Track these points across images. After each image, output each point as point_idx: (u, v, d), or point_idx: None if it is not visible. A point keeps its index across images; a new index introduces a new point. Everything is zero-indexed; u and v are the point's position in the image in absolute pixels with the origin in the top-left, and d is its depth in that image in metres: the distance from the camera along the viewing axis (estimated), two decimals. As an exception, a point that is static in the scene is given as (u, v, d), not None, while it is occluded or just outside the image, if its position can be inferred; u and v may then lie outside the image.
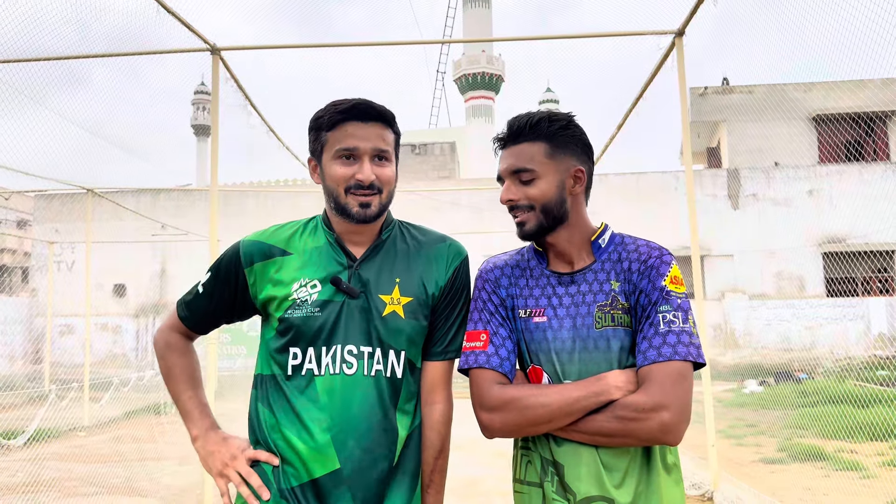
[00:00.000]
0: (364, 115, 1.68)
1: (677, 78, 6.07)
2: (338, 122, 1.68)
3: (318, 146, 1.73)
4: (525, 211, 1.65)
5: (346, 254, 1.73)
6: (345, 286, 1.68)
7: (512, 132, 1.68)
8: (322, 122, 1.71)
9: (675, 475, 1.62)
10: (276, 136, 8.00)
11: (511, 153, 1.67)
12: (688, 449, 7.48)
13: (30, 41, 6.19)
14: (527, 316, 1.68)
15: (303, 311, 1.66)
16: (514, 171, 1.66)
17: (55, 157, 10.91)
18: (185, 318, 1.85)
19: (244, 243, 1.77)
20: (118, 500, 6.38)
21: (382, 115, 1.70)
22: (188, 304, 1.84)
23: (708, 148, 25.33)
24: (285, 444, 1.64)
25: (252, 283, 1.74)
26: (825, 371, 14.48)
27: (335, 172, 1.69)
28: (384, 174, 1.70)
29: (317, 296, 1.67)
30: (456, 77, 46.58)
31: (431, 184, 22.50)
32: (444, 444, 1.78)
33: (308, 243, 1.76)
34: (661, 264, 1.62)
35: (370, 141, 1.67)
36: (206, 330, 1.87)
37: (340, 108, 1.69)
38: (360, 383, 1.65)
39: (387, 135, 1.71)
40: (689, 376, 1.53)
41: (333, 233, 1.76)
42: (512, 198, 1.66)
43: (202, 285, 1.82)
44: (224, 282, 1.78)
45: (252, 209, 21.58)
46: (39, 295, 21.38)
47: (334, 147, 1.68)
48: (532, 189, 1.65)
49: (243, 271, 1.74)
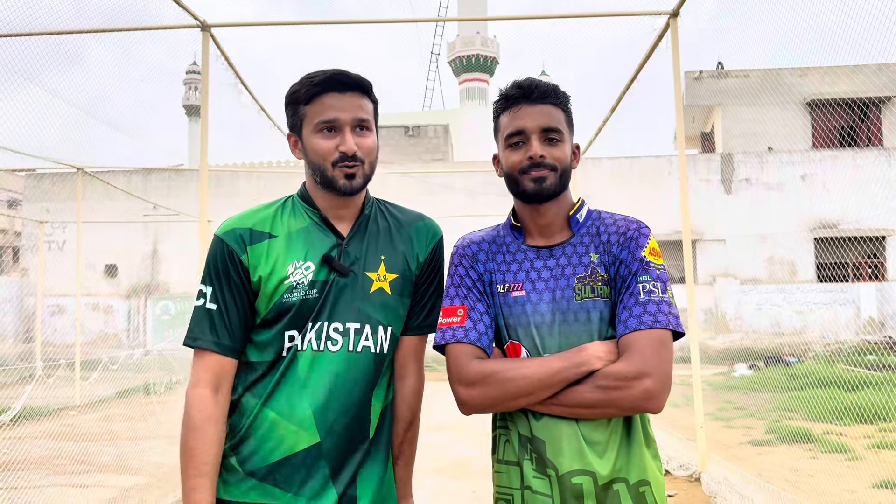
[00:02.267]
0: (341, 86, 1.65)
1: (671, 60, 6.03)
2: (315, 95, 1.65)
3: (297, 121, 1.70)
4: (549, 169, 1.63)
5: (333, 232, 1.71)
6: (336, 264, 1.66)
7: (541, 91, 1.65)
8: (299, 95, 1.67)
9: (653, 449, 1.63)
10: (266, 115, 7.93)
11: (540, 111, 1.64)
12: (676, 430, 7.53)
13: (24, 16, 6.12)
14: (505, 291, 1.67)
15: (299, 294, 1.64)
16: (547, 129, 1.64)
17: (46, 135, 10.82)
18: (213, 345, 1.61)
19: (225, 232, 1.67)
20: (108, 478, 6.39)
21: (359, 84, 1.68)
22: (204, 329, 1.62)
23: (702, 132, 25.32)
24: (268, 423, 1.62)
25: (250, 268, 1.65)
26: (815, 355, 14.58)
27: (318, 146, 1.66)
28: (365, 144, 1.67)
29: (312, 275, 1.65)
30: (450, 59, 46.29)
31: (425, 166, 22.42)
32: (415, 416, 1.80)
33: (292, 224, 1.71)
34: (639, 236, 1.64)
35: (349, 111, 1.65)
36: (240, 347, 1.66)
37: (316, 81, 1.65)
38: (344, 360, 1.64)
39: (365, 103, 1.69)
40: (670, 344, 1.54)
41: (317, 211, 1.72)
42: (544, 154, 1.63)
43: (210, 301, 1.63)
44: (228, 280, 1.64)
45: (244, 190, 21.49)
46: (30, 274, 21.28)
47: (314, 120, 1.65)
48: (558, 151, 1.65)
49: (240, 258, 1.64)
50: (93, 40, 6.63)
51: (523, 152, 1.64)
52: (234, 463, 1.63)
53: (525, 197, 1.66)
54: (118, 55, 7.95)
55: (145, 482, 6.00)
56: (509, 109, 1.68)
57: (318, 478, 1.60)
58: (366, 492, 1.64)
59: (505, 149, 1.69)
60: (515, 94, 1.67)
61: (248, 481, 1.61)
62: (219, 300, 1.64)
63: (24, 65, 6.80)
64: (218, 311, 1.63)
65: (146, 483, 5.95)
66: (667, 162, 20.62)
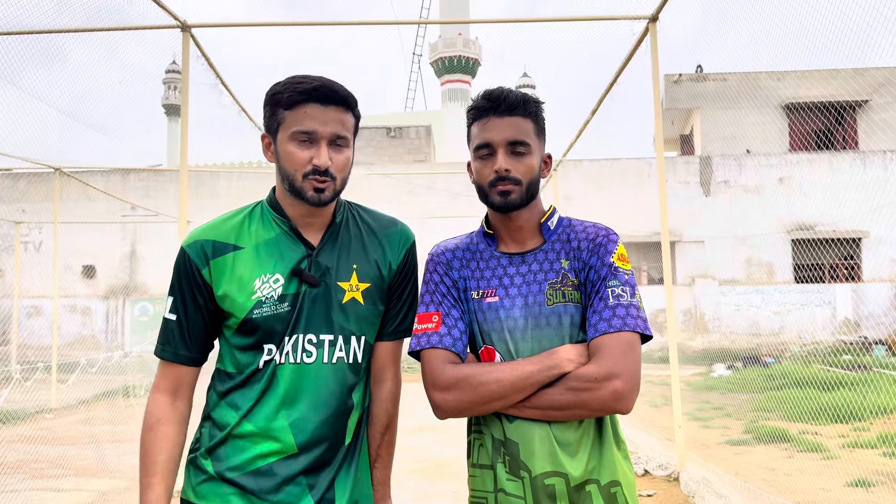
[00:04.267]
0: (325, 99, 1.61)
1: (650, 64, 6.10)
2: (297, 103, 1.60)
3: (274, 123, 1.65)
4: (513, 183, 1.65)
5: (303, 242, 1.69)
6: (306, 276, 1.65)
7: (509, 103, 1.67)
8: (280, 98, 1.62)
9: (623, 450, 1.66)
10: (247, 115, 7.90)
11: (508, 123, 1.66)
12: (655, 430, 7.60)
13: (3, 14, 6.06)
14: (479, 297, 1.70)
15: (269, 309, 1.62)
16: (513, 143, 1.66)
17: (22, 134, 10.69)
18: (171, 355, 1.66)
19: (189, 245, 1.66)
20: (87, 482, 6.33)
21: (345, 99, 1.64)
22: (167, 339, 1.67)
23: (681, 135, 25.56)
24: (245, 432, 1.62)
25: (212, 281, 1.64)
26: (792, 356, 14.78)
27: (292, 155, 1.62)
28: (339, 160, 1.64)
29: (281, 289, 1.63)
30: (432, 60, 46.34)
31: (406, 167, 22.43)
32: (392, 420, 1.81)
33: (260, 235, 1.69)
34: (608, 242, 1.67)
35: (329, 126, 1.61)
36: (200, 356, 1.69)
37: (301, 88, 1.60)
38: (320, 371, 1.65)
39: (347, 119, 1.65)
40: (638, 347, 1.58)
41: (287, 220, 1.69)
42: (509, 168, 1.65)
43: (170, 312, 1.67)
44: (190, 293, 1.65)
45: (224, 190, 21.36)
46: (6, 276, 20.99)
47: (291, 127, 1.61)
48: (524, 163, 1.67)
49: (201, 273, 1.64)
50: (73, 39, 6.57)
51: (491, 165, 1.67)
52: (210, 470, 1.64)
53: (493, 208, 1.70)
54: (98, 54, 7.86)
55: (124, 485, 5.96)
56: (479, 120, 1.71)
57: (294, 485, 1.61)
58: (342, 496, 1.65)
59: (475, 159, 1.72)
60: (484, 106, 1.70)
61: (226, 487, 1.62)
62: (179, 311, 1.66)
63: (2, 64, 6.72)
64: (177, 322, 1.66)
65: (125, 486, 5.90)
66: (646, 164, 20.78)
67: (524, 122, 1.68)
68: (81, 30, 6.35)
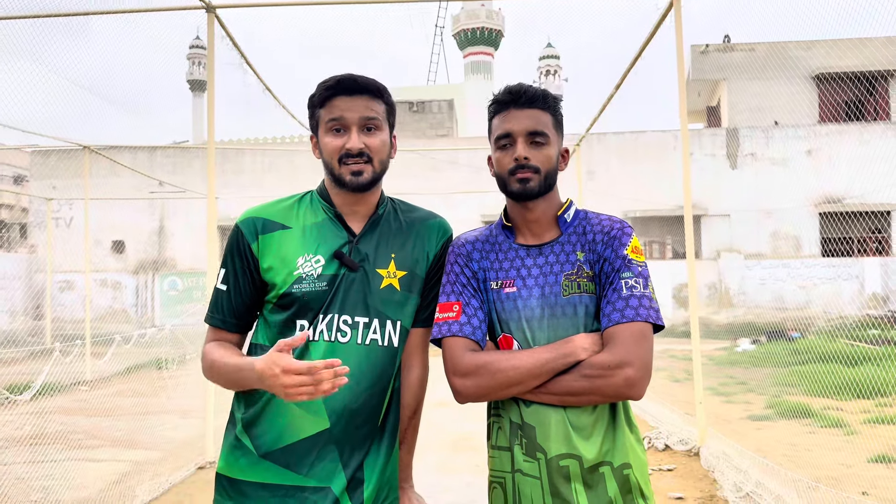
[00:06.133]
0: (350, 90, 1.76)
1: (675, 37, 6.05)
2: (327, 99, 1.77)
3: (314, 122, 1.81)
4: (532, 171, 1.73)
5: (346, 229, 1.81)
6: (346, 260, 1.76)
7: (528, 96, 1.76)
8: (314, 99, 1.80)
9: (636, 434, 1.74)
10: (272, 94, 7.97)
11: (527, 115, 1.75)
12: (677, 405, 7.65)
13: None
14: (498, 287, 1.78)
15: (308, 286, 1.74)
16: (532, 133, 1.74)
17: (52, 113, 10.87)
18: (219, 322, 1.81)
19: (242, 220, 1.81)
20: (121, 453, 6.56)
21: (367, 87, 1.78)
22: (216, 307, 1.82)
23: (708, 107, 25.17)
24: (281, 408, 1.72)
25: (259, 256, 1.78)
26: (818, 330, 14.67)
27: (327, 145, 1.77)
28: (373, 143, 1.77)
29: (321, 270, 1.75)
30: (455, 32, 45.92)
31: (429, 142, 22.40)
32: (419, 405, 1.92)
33: (308, 218, 1.82)
34: (622, 235, 1.74)
35: (356, 111, 1.75)
36: (245, 325, 1.84)
37: (327, 84, 1.77)
38: (353, 351, 1.74)
39: (374, 105, 1.78)
40: (650, 336, 1.65)
41: (333, 207, 1.82)
42: (529, 156, 1.73)
43: (221, 283, 1.82)
44: (242, 265, 1.79)
45: (248, 166, 21.54)
46: (38, 251, 21.45)
47: (325, 120, 1.77)
48: (542, 153, 1.74)
49: (250, 247, 1.78)
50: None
51: (511, 154, 1.75)
52: (248, 444, 1.74)
53: (513, 196, 1.78)
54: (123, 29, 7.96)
55: (158, 456, 6.16)
56: (500, 113, 1.79)
57: (327, 461, 1.71)
58: (372, 476, 1.75)
59: (496, 150, 1.80)
60: (505, 99, 1.79)
61: (262, 462, 1.72)
62: (229, 282, 1.81)
63: (30, 41, 6.84)
64: (227, 292, 1.81)
65: (159, 457, 6.11)
66: (672, 137, 20.54)
67: (543, 114, 1.76)
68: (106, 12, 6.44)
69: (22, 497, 5.07)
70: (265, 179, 20.86)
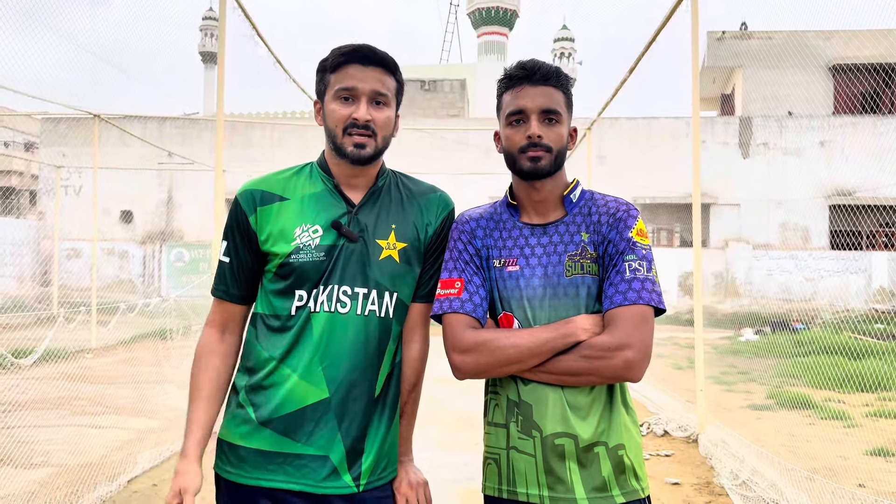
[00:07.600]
0: (365, 59, 1.74)
1: (690, 23, 5.98)
2: (340, 65, 1.75)
3: (322, 87, 1.80)
4: (544, 150, 1.71)
5: (345, 200, 1.80)
6: (345, 230, 1.75)
7: (543, 73, 1.73)
8: (326, 63, 1.78)
9: (632, 415, 1.74)
10: (282, 67, 7.92)
11: (541, 93, 1.72)
12: (677, 392, 7.66)
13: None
14: (501, 265, 1.77)
15: (306, 256, 1.74)
16: (545, 111, 1.72)
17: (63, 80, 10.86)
18: (223, 293, 1.84)
19: (241, 193, 1.81)
20: (125, 420, 6.62)
21: (383, 60, 1.76)
22: (220, 279, 1.84)
23: (722, 94, 24.96)
24: (281, 377, 1.74)
25: (258, 228, 1.78)
26: (823, 322, 14.63)
27: (334, 112, 1.75)
28: (380, 117, 1.75)
29: (319, 240, 1.74)
30: (470, 10, 45.49)
31: (439, 122, 22.30)
32: (419, 379, 1.91)
33: (306, 189, 1.81)
34: (628, 217, 1.72)
35: (368, 83, 1.73)
36: (248, 295, 1.85)
37: (343, 51, 1.75)
38: (353, 322, 1.75)
39: (387, 80, 1.77)
40: (651, 319, 1.64)
41: (332, 178, 1.81)
42: (542, 134, 1.71)
43: (224, 255, 1.83)
44: (241, 238, 1.80)
45: (258, 139, 21.52)
46: (47, 218, 21.55)
47: (335, 87, 1.75)
48: (555, 131, 1.72)
49: (248, 219, 1.78)
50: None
51: (522, 131, 1.72)
52: (249, 412, 1.76)
53: (522, 174, 1.75)
54: (138, 1, 7.97)
55: (160, 425, 6.22)
56: (512, 89, 1.76)
57: (326, 430, 1.72)
58: (372, 447, 1.76)
59: (506, 126, 1.77)
60: (519, 75, 1.75)
61: (262, 430, 1.74)
62: (230, 254, 1.82)
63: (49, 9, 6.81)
64: (229, 264, 1.82)
65: (162, 426, 6.16)
66: (684, 124, 20.39)
67: (556, 92, 1.74)
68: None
69: (24, 461, 5.13)
70: (274, 154, 20.83)
